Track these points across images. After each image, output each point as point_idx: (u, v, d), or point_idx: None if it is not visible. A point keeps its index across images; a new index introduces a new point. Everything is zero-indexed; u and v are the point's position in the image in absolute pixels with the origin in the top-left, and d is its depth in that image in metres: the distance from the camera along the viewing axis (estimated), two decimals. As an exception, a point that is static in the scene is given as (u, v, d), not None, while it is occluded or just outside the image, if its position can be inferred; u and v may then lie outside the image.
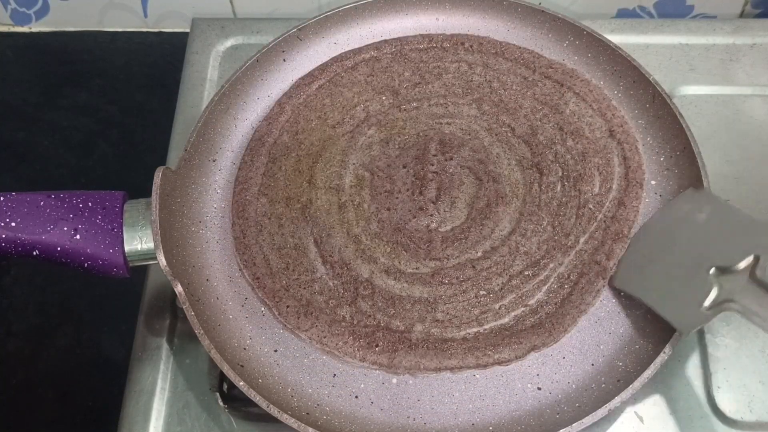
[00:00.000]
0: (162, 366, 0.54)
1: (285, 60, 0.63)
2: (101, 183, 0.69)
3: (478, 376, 0.49)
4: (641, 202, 0.55)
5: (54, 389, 0.60)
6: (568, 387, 0.49)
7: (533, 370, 0.49)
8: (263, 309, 0.53)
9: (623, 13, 0.73)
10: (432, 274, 0.53)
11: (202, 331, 0.48)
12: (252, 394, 0.46)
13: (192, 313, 0.48)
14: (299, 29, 0.63)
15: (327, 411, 0.48)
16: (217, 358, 0.47)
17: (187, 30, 0.72)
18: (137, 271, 0.51)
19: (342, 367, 0.50)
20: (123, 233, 0.49)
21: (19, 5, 0.77)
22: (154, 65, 0.77)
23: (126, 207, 0.50)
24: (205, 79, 0.68)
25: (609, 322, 0.50)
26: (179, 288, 0.48)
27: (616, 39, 0.61)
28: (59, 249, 0.48)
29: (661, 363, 0.46)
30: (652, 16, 0.73)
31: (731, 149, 0.61)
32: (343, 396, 0.49)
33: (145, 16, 0.77)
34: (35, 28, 0.80)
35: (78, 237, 0.48)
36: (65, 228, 0.48)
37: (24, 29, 0.80)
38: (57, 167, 0.71)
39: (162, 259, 0.48)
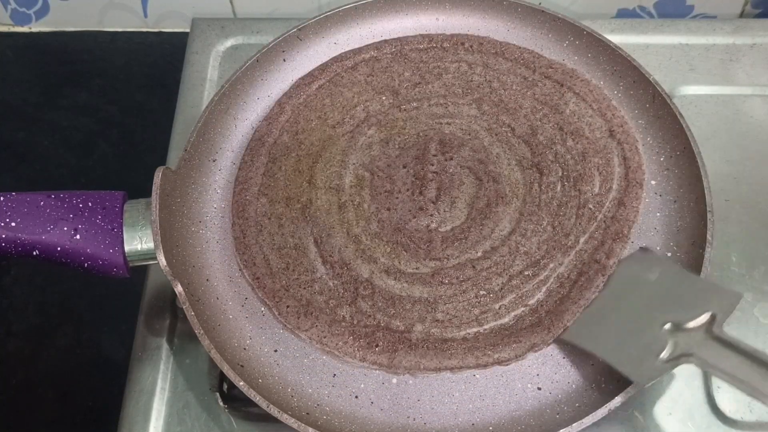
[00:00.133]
0: (162, 366, 0.54)
1: (285, 60, 0.63)
2: (101, 183, 0.69)
3: (478, 376, 0.49)
4: (641, 202, 0.55)
5: (54, 389, 0.60)
6: (568, 387, 0.49)
7: (533, 370, 0.49)
8: (263, 309, 0.53)
9: (623, 13, 0.73)
10: (432, 274, 0.53)
11: (202, 331, 0.48)
12: (252, 394, 0.46)
13: (192, 313, 0.48)
14: (299, 29, 0.63)
15: (327, 411, 0.48)
16: (217, 358, 0.47)
17: (187, 30, 0.72)
18: (137, 271, 0.51)
19: (342, 367, 0.50)
20: (123, 233, 0.49)
21: (19, 5, 0.77)
22: (154, 65, 0.77)
23: (126, 207, 0.50)
24: (205, 79, 0.68)
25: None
26: (179, 288, 0.48)
27: (616, 39, 0.61)
28: (59, 249, 0.48)
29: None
30: (652, 16, 0.73)
31: (731, 149, 0.61)
32: (343, 396, 0.49)
33: (145, 16, 0.77)
34: (35, 28, 0.80)
35: (78, 237, 0.48)
36: (65, 228, 0.48)
37: (24, 29, 0.80)
38: (57, 167, 0.71)
39: (162, 259, 0.48)
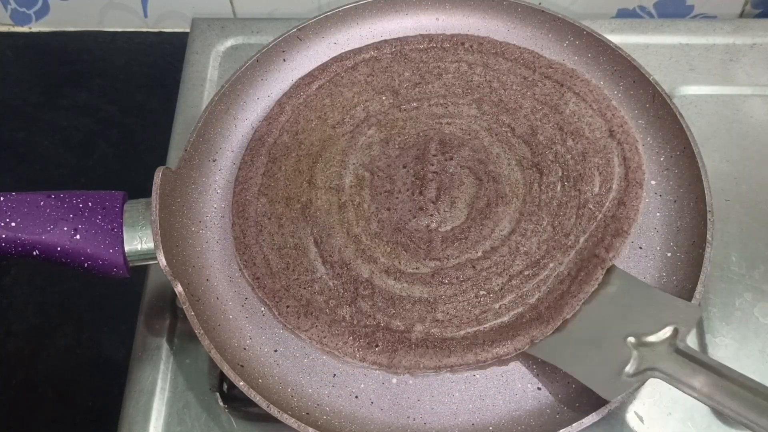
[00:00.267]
0: (162, 366, 0.54)
1: (285, 60, 0.63)
2: (101, 183, 0.69)
3: (478, 376, 0.49)
4: (641, 201, 0.55)
5: (54, 389, 0.60)
6: (568, 387, 0.49)
7: (533, 370, 0.49)
8: (263, 309, 0.53)
9: (623, 13, 0.73)
10: (432, 274, 0.53)
11: (202, 331, 0.48)
12: (252, 394, 0.46)
13: (192, 313, 0.48)
14: (299, 29, 0.63)
15: (327, 411, 0.48)
16: (217, 358, 0.47)
17: (187, 30, 0.72)
18: (137, 271, 0.51)
19: (342, 367, 0.50)
20: (123, 233, 0.49)
21: (19, 5, 0.77)
22: (154, 65, 0.77)
23: (126, 207, 0.50)
24: (205, 79, 0.68)
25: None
26: (179, 288, 0.48)
27: (616, 39, 0.61)
28: (59, 249, 0.48)
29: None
30: (652, 16, 0.73)
31: (731, 149, 0.61)
32: (343, 396, 0.49)
33: (145, 16, 0.77)
34: (35, 28, 0.80)
35: (78, 237, 0.48)
36: (65, 228, 0.48)
37: (24, 29, 0.80)
38: (57, 167, 0.71)
39: (162, 259, 0.48)
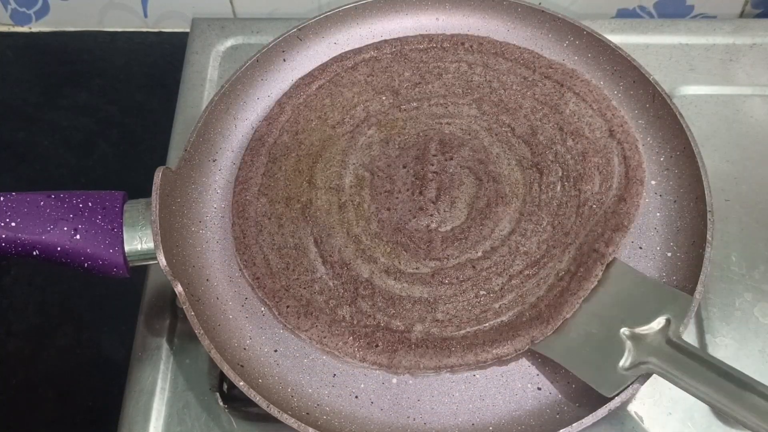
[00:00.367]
0: (162, 366, 0.54)
1: (285, 60, 0.63)
2: (101, 183, 0.69)
3: (478, 376, 0.49)
4: (642, 197, 0.54)
5: (54, 389, 0.60)
6: (568, 387, 0.48)
7: (533, 370, 0.49)
8: (263, 309, 0.53)
9: (623, 13, 0.73)
10: (432, 274, 0.53)
11: (202, 331, 0.48)
12: (252, 394, 0.46)
13: (192, 313, 0.48)
14: (299, 29, 0.63)
15: (327, 411, 0.48)
16: (217, 358, 0.47)
17: (187, 30, 0.72)
18: (137, 271, 0.51)
19: (342, 367, 0.50)
20: (123, 233, 0.49)
21: (19, 5, 0.77)
22: (154, 65, 0.77)
23: (126, 207, 0.50)
24: (205, 79, 0.68)
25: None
26: (179, 288, 0.48)
27: (616, 39, 0.61)
28: (59, 249, 0.48)
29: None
30: (652, 16, 0.73)
31: (731, 149, 0.61)
32: (343, 396, 0.49)
33: (145, 16, 0.77)
34: (35, 28, 0.80)
35: (78, 237, 0.48)
36: (65, 228, 0.48)
37: (24, 29, 0.80)
38: (57, 167, 0.71)
39: (162, 259, 0.48)
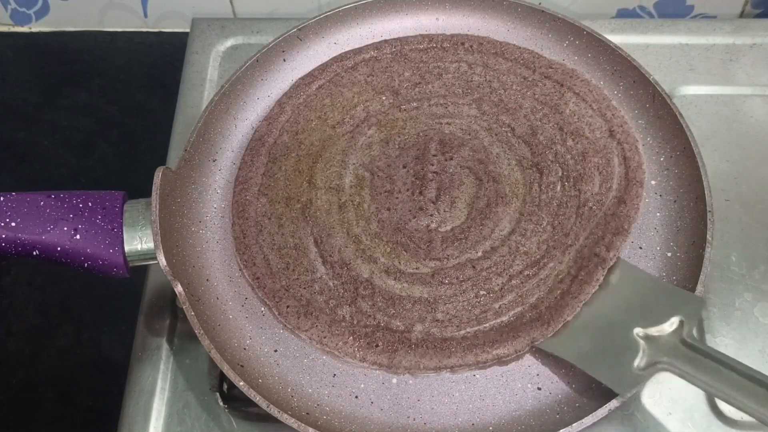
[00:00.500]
0: (162, 366, 0.54)
1: (285, 60, 0.63)
2: (101, 183, 0.69)
3: (478, 376, 0.49)
4: (642, 200, 0.54)
5: (54, 389, 0.60)
6: (568, 387, 0.48)
7: (533, 370, 0.49)
8: (263, 309, 0.53)
9: (623, 13, 0.73)
10: (432, 274, 0.53)
11: (202, 331, 0.48)
12: (252, 394, 0.46)
13: (192, 313, 0.48)
14: (299, 29, 0.63)
15: (327, 411, 0.48)
16: (217, 358, 0.47)
17: (187, 30, 0.72)
18: (137, 271, 0.51)
19: (342, 367, 0.50)
20: (123, 233, 0.49)
21: (19, 5, 0.77)
22: (154, 65, 0.77)
23: (126, 207, 0.50)
24: (205, 79, 0.68)
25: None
26: (179, 288, 0.48)
27: (616, 39, 0.61)
28: (59, 249, 0.48)
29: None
30: (652, 16, 0.73)
31: (731, 149, 0.61)
32: (343, 396, 0.49)
33: (145, 16, 0.77)
34: (35, 28, 0.80)
35: (78, 237, 0.48)
36: (65, 228, 0.48)
37: (24, 29, 0.80)
38: (57, 167, 0.71)
39: (162, 259, 0.48)
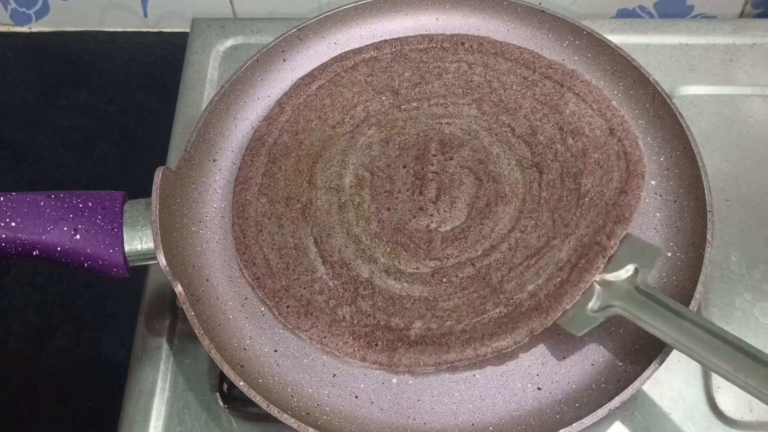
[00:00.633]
0: (162, 366, 0.54)
1: (285, 60, 0.63)
2: (101, 183, 0.69)
3: (478, 376, 0.49)
4: (642, 190, 0.54)
5: (54, 389, 0.60)
6: (568, 387, 0.48)
7: (533, 370, 0.49)
8: (263, 309, 0.53)
9: (623, 13, 0.73)
10: (432, 273, 0.53)
11: (202, 331, 0.48)
12: (252, 394, 0.46)
13: (192, 313, 0.48)
14: (299, 29, 0.63)
15: (327, 411, 0.48)
16: (217, 358, 0.47)
17: (187, 30, 0.72)
18: (137, 271, 0.51)
19: (342, 367, 0.50)
20: (123, 233, 0.49)
21: (19, 5, 0.77)
22: (154, 65, 0.77)
23: (126, 207, 0.50)
24: (205, 79, 0.68)
25: (609, 322, 0.50)
26: (179, 288, 0.48)
27: (616, 39, 0.61)
28: (59, 249, 0.48)
29: (661, 363, 0.46)
30: (652, 16, 0.73)
31: (731, 149, 0.61)
32: (343, 396, 0.49)
33: (145, 16, 0.77)
34: (35, 28, 0.80)
35: (78, 237, 0.48)
36: (65, 228, 0.48)
37: (24, 29, 0.80)
38: (57, 167, 0.71)
39: (162, 259, 0.48)
